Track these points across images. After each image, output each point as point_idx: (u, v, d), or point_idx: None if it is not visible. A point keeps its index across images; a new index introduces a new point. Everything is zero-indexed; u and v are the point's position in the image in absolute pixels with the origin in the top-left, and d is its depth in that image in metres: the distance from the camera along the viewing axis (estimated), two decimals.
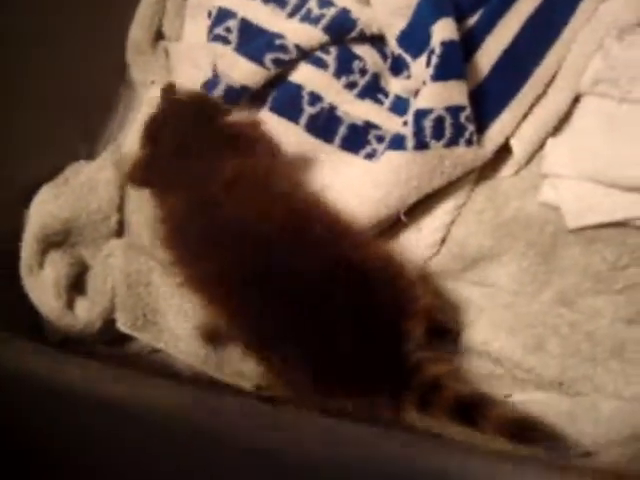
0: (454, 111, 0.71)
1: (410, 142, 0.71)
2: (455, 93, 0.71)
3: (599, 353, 0.66)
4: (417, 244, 0.74)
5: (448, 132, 0.71)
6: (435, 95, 0.71)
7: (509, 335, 0.68)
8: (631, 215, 0.70)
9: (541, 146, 0.75)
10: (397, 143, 0.72)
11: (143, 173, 0.70)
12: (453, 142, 0.72)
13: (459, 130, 0.71)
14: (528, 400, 0.66)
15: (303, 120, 0.75)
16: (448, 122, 0.71)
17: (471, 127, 0.72)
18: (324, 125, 0.76)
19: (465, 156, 0.72)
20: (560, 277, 0.71)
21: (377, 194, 0.72)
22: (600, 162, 0.70)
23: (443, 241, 0.75)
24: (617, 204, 0.70)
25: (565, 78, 0.75)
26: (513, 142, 0.75)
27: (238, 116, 0.74)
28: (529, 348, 0.68)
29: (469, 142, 0.72)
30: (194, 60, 0.81)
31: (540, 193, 0.73)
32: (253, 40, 0.77)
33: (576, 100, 0.75)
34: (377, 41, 0.79)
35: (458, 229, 0.75)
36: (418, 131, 0.71)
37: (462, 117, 0.71)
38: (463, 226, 0.74)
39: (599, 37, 0.75)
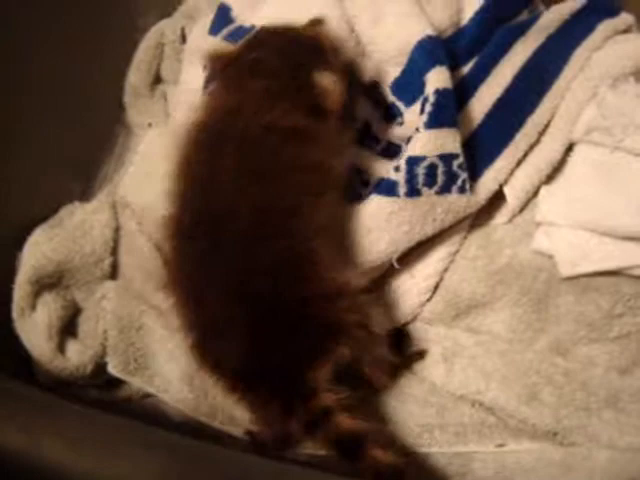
0: (447, 159, 0.73)
1: (402, 189, 0.73)
2: (448, 141, 0.73)
3: (593, 403, 0.68)
4: (410, 291, 0.76)
5: (440, 180, 0.73)
6: (428, 143, 0.73)
7: (503, 385, 0.69)
8: (625, 264, 0.71)
9: (535, 194, 0.78)
10: (388, 189, 0.74)
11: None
12: (445, 190, 0.74)
13: (451, 178, 0.73)
14: (522, 450, 0.67)
15: None
16: (440, 170, 0.73)
17: (463, 175, 0.74)
18: None
19: (457, 203, 0.74)
20: (554, 325, 0.73)
21: (367, 239, 0.73)
22: (594, 211, 0.72)
23: (436, 288, 0.76)
24: (611, 253, 0.72)
25: (559, 126, 0.78)
26: (507, 190, 0.77)
27: None
28: (523, 398, 0.69)
29: (462, 190, 0.74)
30: (191, 105, 0.83)
31: (534, 241, 0.75)
32: None
33: (570, 148, 0.78)
34: (370, 88, 0.82)
35: (451, 276, 0.76)
36: (410, 178, 0.73)
37: (455, 165, 0.73)
38: (456, 273, 0.76)
39: (592, 86, 0.77)
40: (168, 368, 0.73)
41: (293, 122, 0.65)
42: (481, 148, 0.77)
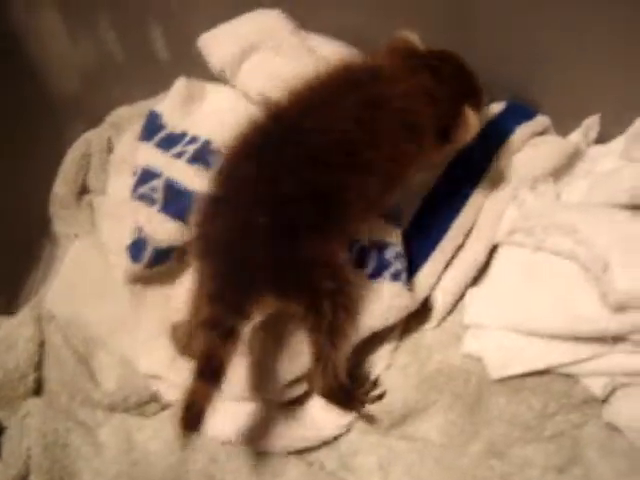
0: (379, 245, 0.78)
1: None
2: (380, 228, 0.78)
3: None
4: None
5: (372, 264, 0.78)
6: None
7: None
8: (554, 363, 0.75)
9: (462, 296, 0.82)
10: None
11: None
12: (377, 274, 0.77)
13: (384, 264, 0.78)
14: None
15: None
16: (372, 254, 0.78)
17: (397, 264, 0.78)
18: None
19: (389, 289, 0.77)
20: (488, 428, 0.76)
21: None
22: (519, 312, 0.76)
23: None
24: (539, 353, 0.76)
25: (482, 228, 0.83)
26: (435, 294, 0.81)
27: None
28: None
29: (395, 277, 0.78)
30: (119, 217, 0.85)
31: (462, 344, 0.79)
32: (179, 200, 0.81)
33: (495, 250, 0.82)
34: None
35: (385, 386, 0.79)
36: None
37: (387, 253, 0.78)
38: (389, 383, 0.79)
39: (513, 188, 0.83)
40: None
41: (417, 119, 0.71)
42: (410, 253, 0.81)
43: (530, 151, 0.87)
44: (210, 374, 0.64)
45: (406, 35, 0.76)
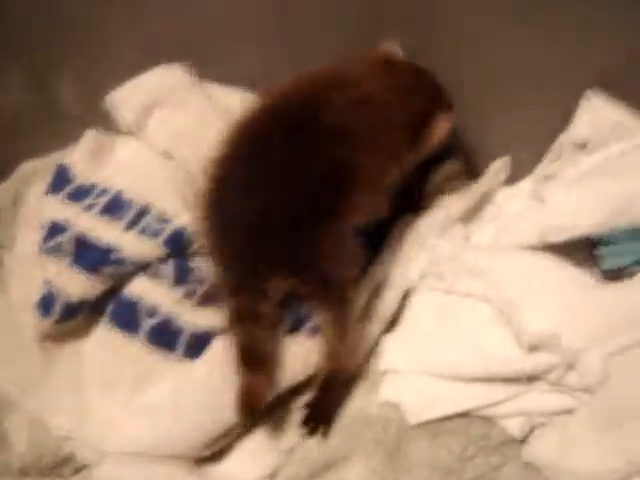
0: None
1: None
2: None
3: None
4: (266, 453, 0.78)
5: (289, 319, 0.79)
6: None
7: None
8: (471, 406, 0.77)
9: (377, 343, 0.82)
10: None
11: None
12: (295, 329, 0.79)
13: (301, 319, 0.79)
14: None
15: (142, 333, 0.80)
16: (291, 309, 0.78)
17: (314, 319, 0.79)
18: (165, 336, 0.81)
19: (306, 344, 0.78)
20: (408, 474, 0.76)
21: (220, 384, 0.76)
22: (434, 356, 0.78)
23: (292, 449, 0.78)
24: (456, 396, 0.77)
25: (395, 274, 0.84)
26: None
27: None
28: None
29: (313, 332, 0.79)
30: (28, 273, 0.85)
31: (380, 391, 0.79)
32: (89, 253, 0.81)
33: (408, 294, 0.84)
34: None
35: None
36: None
37: (304, 308, 0.79)
38: None
39: (424, 233, 0.85)
40: None
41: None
42: None
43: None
44: (256, 363, 0.69)
45: (390, 45, 0.82)
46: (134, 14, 0.89)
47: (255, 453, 0.78)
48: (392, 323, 0.83)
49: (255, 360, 0.70)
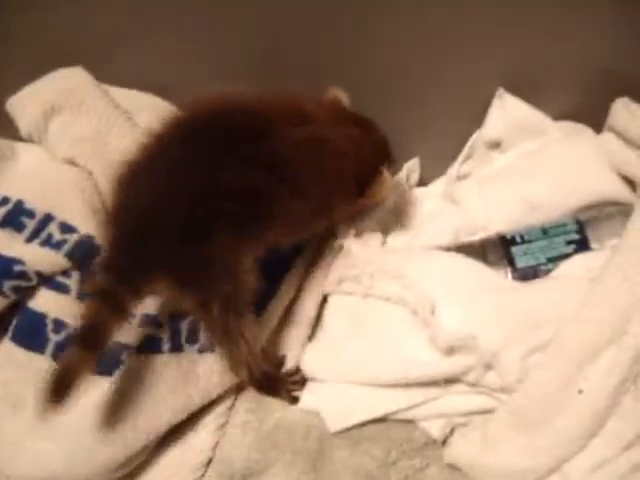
0: None
1: (166, 345, 0.76)
2: None
3: None
4: (183, 467, 0.76)
5: (202, 338, 0.77)
6: None
7: None
8: (390, 410, 0.77)
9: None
10: (152, 346, 0.76)
11: None
12: (207, 348, 0.77)
13: None
14: None
15: (49, 350, 0.76)
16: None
17: None
18: None
19: (220, 364, 0.76)
20: None
21: (131, 403, 0.74)
22: (351, 361, 0.78)
23: (209, 462, 0.77)
24: (375, 401, 0.77)
25: (313, 280, 0.84)
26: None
27: None
28: None
29: None
30: None
31: (300, 399, 0.79)
32: None
33: (325, 300, 0.84)
34: None
35: (223, 446, 0.77)
36: (174, 333, 0.76)
37: None
38: (228, 442, 0.77)
39: (340, 239, 0.85)
40: None
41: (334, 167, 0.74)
42: None
43: None
44: (90, 342, 0.65)
45: (337, 92, 0.80)
46: (35, 17, 0.85)
47: (169, 469, 0.77)
48: (314, 329, 0.84)
49: (90, 338, 0.66)
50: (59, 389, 0.63)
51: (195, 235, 0.67)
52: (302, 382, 0.81)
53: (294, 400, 0.80)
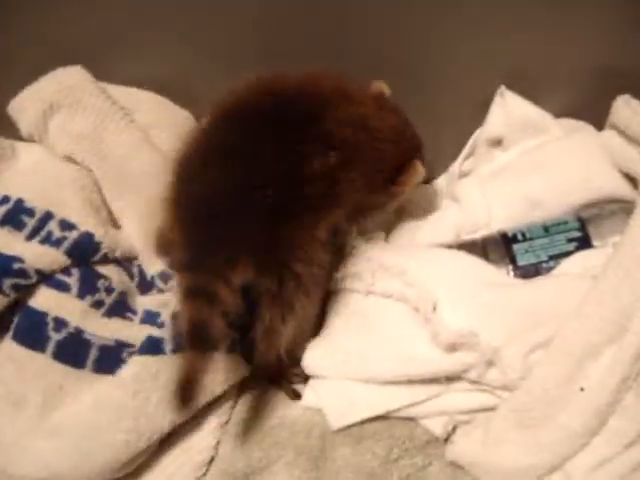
0: None
1: (168, 345, 0.76)
2: None
3: None
4: (184, 466, 0.76)
5: None
6: None
7: None
8: (392, 407, 0.77)
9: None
10: (153, 347, 0.76)
11: None
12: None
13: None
14: None
15: (50, 348, 0.76)
16: None
17: (232, 334, 0.76)
18: (73, 351, 0.77)
19: (224, 362, 0.76)
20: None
21: (134, 403, 0.74)
22: (354, 358, 0.78)
23: (212, 461, 0.77)
24: (377, 398, 0.77)
25: None
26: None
27: None
28: None
29: (229, 349, 0.77)
30: None
31: (302, 397, 0.79)
32: None
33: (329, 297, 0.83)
34: (123, 260, 0.84)
35: (225, 445, 0.77)
36: (176, 334, 0.76)
37: None
38: (229, 441, 0.77)
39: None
40: None
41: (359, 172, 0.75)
42: None
43: None
44: (200, 341, 0.65)
45: (381, 86, 0.82)
46: (35, 17, 0.85)
47: (171, 468, 0.77)
48: None
49: (199, 338, 0.66)
50: (186, 397, 0.64)
51: (274, 218, 0.69)
52: (304, 375, 0.81)
53: (296, 395, 0.81)
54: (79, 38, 0.87)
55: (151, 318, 0.80)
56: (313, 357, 0.80)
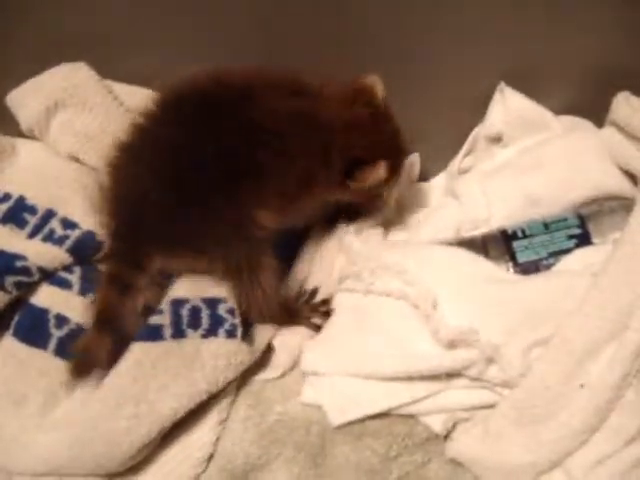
0: (211, 302, 0.77)
1: (168, 330, 0.76)
2: (210, 285, 0.78)
3: None
4: (183, 463, 0.76)
5: (205, 322, 0.77)
6: (190, 285, 0.78)
7: None
8: (392, 404, 0.77)
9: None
10: (152, 334, 0.76)
11: None
12: (211, 332, 0.76)
13: (218, 321, 0.77)
14: None
15: (52, 345, 0.77)
16: (205, 312, 0.77)
17: (232, 319, 0.77)
18: None
19: (226, 347, 0.76)
20: (333, 477, 0.76)
21: (134, 389, 0.74)
22: (354, 356, 0.78)
23: (211, 457, 0.77)
24: (377, 395, 0.77)
25: (317, 279, 0.85)
26: (276, 343, 0.82)
27: None
28: None
29: (230, 334, 0.77)
30: None
31: (302, 393, 0.79)
32: None
33: None
34: None
35: (224, 441, 0.77)
36: (176, 319, 0.76)
37: (220, 309, 0.77)
38: (228, 438, 0.77)
39: (339, 237, 0.86)
40: None
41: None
42: None
43: None
44: (106, 325, 0.71)
45: (374, 80, 0.80)
46: (36, 16, 0.85)
47: (171, 465, 0.77)
48: None
49: (106, 321, 0.72)
50: (81, 367, 0.70)
51: (196, 211, 0.71)
52: (325, 312, 0.83)
53: (317, 328, 0.82)
54: (80, 37, 0.87)
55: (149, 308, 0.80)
56: (313, 353, 0.80)
